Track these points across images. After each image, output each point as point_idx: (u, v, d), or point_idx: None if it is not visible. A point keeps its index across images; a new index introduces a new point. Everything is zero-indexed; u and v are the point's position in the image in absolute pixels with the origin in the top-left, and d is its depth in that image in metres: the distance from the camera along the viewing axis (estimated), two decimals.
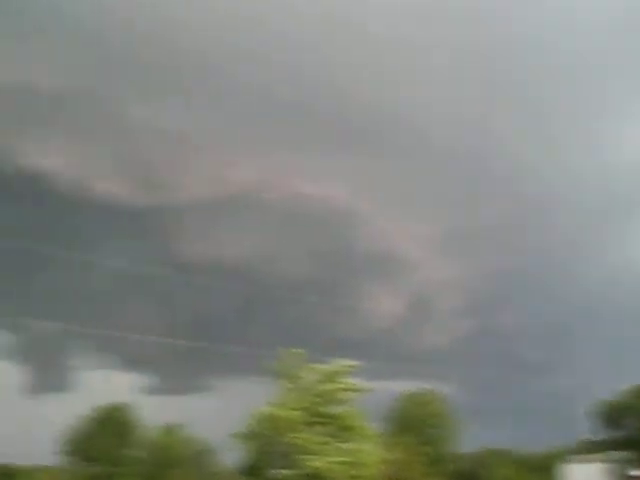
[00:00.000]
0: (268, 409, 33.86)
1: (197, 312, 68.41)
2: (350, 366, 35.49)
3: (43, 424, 50.68)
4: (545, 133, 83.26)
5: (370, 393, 36.45)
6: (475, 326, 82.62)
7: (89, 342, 62.17)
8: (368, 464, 33.96)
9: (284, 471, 33.21)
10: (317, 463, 32.72)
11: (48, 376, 63.14)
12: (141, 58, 67.77)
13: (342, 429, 34.01)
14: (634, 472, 51.08)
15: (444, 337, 79.51)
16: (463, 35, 73.85)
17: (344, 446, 33.39)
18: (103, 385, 56.96)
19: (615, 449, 54.19)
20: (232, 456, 41.19)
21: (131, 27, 65.01)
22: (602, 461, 52.13)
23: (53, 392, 61.39)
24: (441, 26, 73.01)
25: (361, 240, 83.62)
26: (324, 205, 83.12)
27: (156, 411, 53.13)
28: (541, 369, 69.57)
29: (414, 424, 56.17)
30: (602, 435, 57.36)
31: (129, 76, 70.37)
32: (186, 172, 79.91)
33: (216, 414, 53.17)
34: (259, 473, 35.01)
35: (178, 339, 56.35)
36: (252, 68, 71.55)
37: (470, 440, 57.70)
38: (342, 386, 34.57)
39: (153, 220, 76.60)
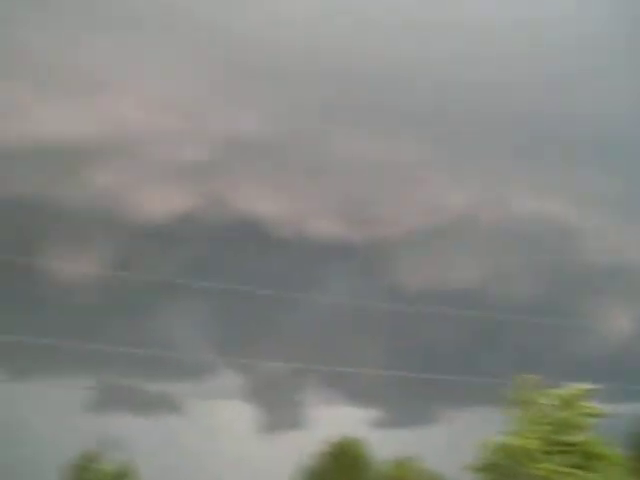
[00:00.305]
0: (503, 438, 32.12)
1: (422, 342, 67.26)
2: (588, 390, 33.03)
3: (276, 461, 51.61)
4: None
5: (610, 417, 33.77)
6: None
7: (316, 378, 62.91)
8: None
9: None
10: None
11: (278, 414, 64.42)
12: (347, 96, 68.61)
13: (586, 457, 31.51)
14: None
15: None
16: None
17: (590, 476, 30.90)
18: (331, 420, 57.05)
19: None
20: None
21: (333, 67, 66.08)
22: None
23: (284, 429, 62.53)
24: None
25: (590, 256, 78.74)
26: (545, 222, 79.31)
27: (385, 444, 52.56)
28: None
29: None
30: None
31: (334, 115, 71.29)
32: (399, 204, 79.33)
33: (447, 446, 51.64)
34: None
35: (404, 371, 55.53)
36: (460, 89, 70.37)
37: None
38: (583, 411, 32.15)
39: (371, 254, 76.44)
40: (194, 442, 56.50)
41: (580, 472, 31.11)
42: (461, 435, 51.45)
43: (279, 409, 65.00)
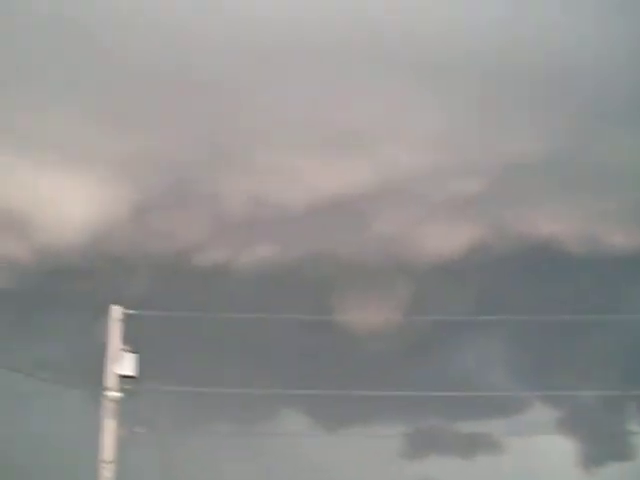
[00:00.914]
0: None
1: None
2: None
3: None
4: None
5: None
6: None
7: (637, 404, 58.80)
8: None
9: None
10: None
11: (601, 445, 61.11)
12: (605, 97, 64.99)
13: None
14: None
15: None
16: None
17: None
18: None
19: None
20: None
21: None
22: None
23: (609, 462, 59.26)
24: None
25: None
26: None
27: None
28: None
29: None
30: None
31: (602, 119, 67.65)
32: None
33: None
34: None
35: None
36: None
37: None
38: None
39: None
40: None
41: None
42: None
43: (601, 440, 61.68)
